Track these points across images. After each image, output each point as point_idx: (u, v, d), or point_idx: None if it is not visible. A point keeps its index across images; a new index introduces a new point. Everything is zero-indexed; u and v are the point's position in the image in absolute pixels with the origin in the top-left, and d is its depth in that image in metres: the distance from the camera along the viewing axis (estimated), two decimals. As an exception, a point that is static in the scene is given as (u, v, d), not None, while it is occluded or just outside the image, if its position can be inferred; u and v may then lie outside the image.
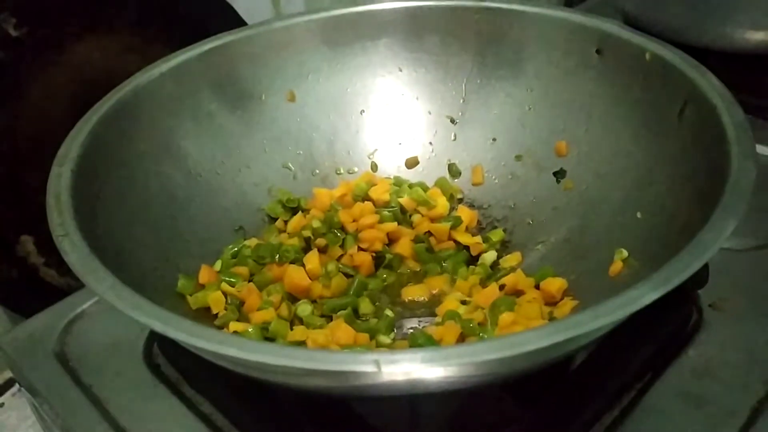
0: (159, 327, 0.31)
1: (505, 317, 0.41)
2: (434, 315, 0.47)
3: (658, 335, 0.46)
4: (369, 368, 0.28)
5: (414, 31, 0.58)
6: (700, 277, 0.47)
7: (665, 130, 0.46)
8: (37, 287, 0.66)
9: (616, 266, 0.44)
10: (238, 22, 0.75)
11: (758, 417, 0.41)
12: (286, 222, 0.53)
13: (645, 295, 0.31)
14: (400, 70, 0.59)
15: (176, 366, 0.47)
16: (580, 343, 0.34)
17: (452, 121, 0.58)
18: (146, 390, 0.46)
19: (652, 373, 0.45)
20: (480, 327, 0.42)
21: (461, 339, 0.42)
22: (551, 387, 0.42)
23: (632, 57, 0.49)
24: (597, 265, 0.46)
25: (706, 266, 0.43)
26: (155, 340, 0.49)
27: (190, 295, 0.44)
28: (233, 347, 0.30)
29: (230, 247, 0.50)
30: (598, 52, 0.52)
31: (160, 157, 0.48)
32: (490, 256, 0.51)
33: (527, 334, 0.30)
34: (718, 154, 0.40)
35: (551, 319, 0.42)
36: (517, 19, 0.55)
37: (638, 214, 0.46)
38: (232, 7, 0.74)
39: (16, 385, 0.71)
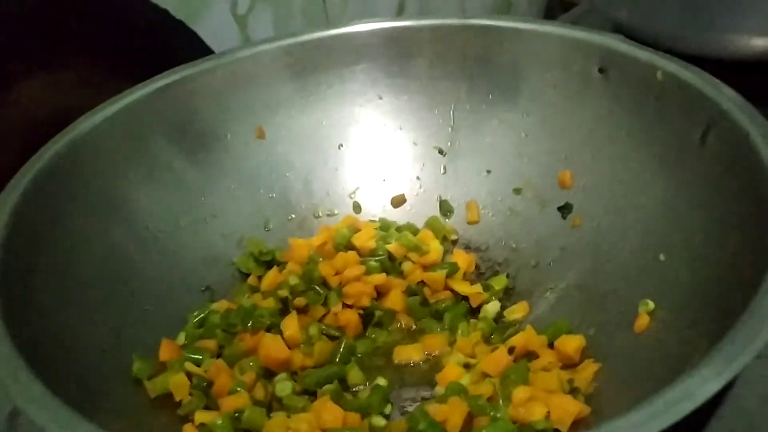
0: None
1: (520, 392, 0.35)
2: (433, 382, 0.41)
3: None
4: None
5: (394, 54, 0.53)
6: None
7: (685, 158, 0.41)
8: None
9: (642, 321, 0.38)
10: (204, 50, 0.69)
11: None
12: (259, 278, 0.47)
13: (706, 383, 0.25)
14: (380, 98, 0.53)
15: None
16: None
17: (441, 152, 0.53)
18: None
19: None
20: (490, 405, 0.35)
21: (468, 419, 0.36)
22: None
23: (641, 76, 0.44)
24: (618, 316, 0.40)
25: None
26: None
27: (148, 380, 0.38)
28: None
29: (195, 313, 0.43)
30: (600, 71, 0.46)
31: (107, 215, 0.42)
32: (492, 307, 0.45)
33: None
34: (756, 184, 0.35)
35: (572, 390, 0.36)
36: (508, 37, 0.50)
37: (661, 257, 0.40)
38: (196, 34, 0.68)
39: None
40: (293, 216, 0.51)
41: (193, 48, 0.69)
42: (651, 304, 0.38)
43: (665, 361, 0.35)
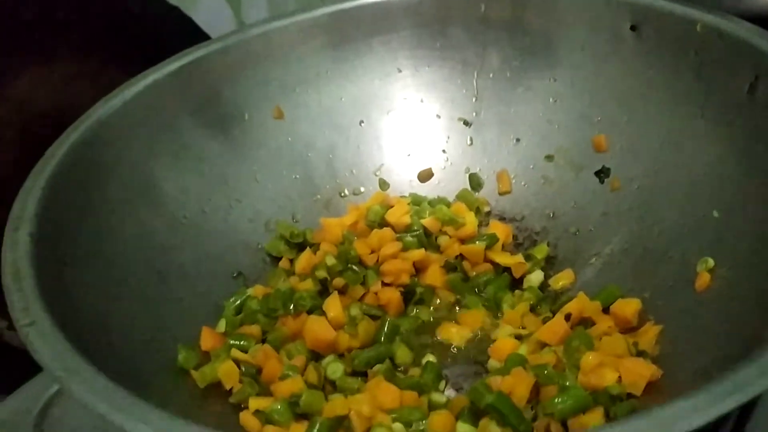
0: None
1: (589, 358, 0.33)
2: (481, 358, 0.40)
3: None
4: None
5: (411, 24, 0.51)
6: None
7: (732, 112, 0.40)
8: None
9: (703, 279, 0.37)
10: (200, 35, 0.67)
11: None
12: (291, 261, 0.45)
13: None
14: (400, 71, 0.52)
15: None
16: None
17: (466, 123, 0.51)
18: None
19: None
20: (557, 373, 0.34)
21: (535, 390, 0.34)
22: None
23: (677, 30, 0.43)
24: (675, 277, 0.39)
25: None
26: None
27: (195, 370, 0.36)
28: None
29: (232, 300, 0.41)
30: (632, 28, 0.45)
31: (135, 201, 0.40)
32: (536, 276, 0.44)
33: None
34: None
35: (639, 353, 0.35)
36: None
37: (714, 213, 0.39)
38: (191, 20, 0.66)
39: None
40: (319, 197, 0.50)
41: (189, 34, 0.67)
42: (711, 262, 0.37)
43: (731, 320, 0.34)
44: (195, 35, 0.67)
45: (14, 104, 0.60)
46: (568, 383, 0.33)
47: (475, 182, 0.50)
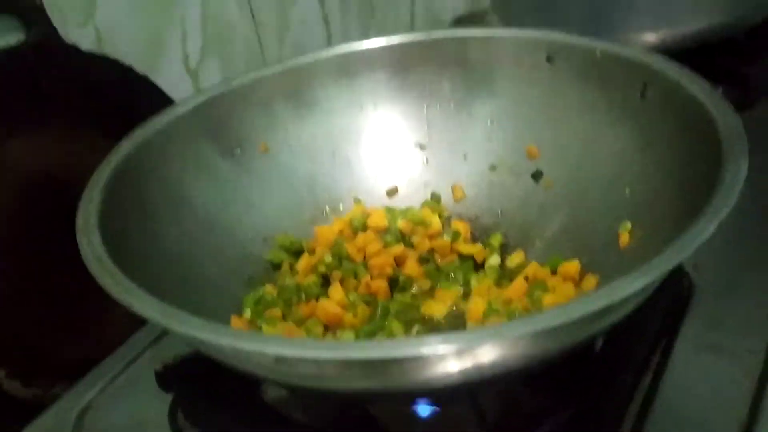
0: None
1: (548, 298, 0.43)
2: (462, 324, 0.49)
3: (663, 302, 0.49)
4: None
5: (369, 70, 0.61)
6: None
7: (629, 112, 0.51)
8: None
9: (624, 239, 0.47)
10: (165, 101, 0.74)
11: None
12: (291, 265, 0.54)
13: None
14: (362, 108, 0.62)
15: (206, 429, 0.47)
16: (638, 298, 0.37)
17: (421, 147, 0.61)
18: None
19: (668, 335, 0.48)
20: (526, 310, 0.44)
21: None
22: (581, 371, 0.44)
23: (582, 57, 0.55)
24: (602, 244, 0.49)
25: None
26: (179, 409, 0.48)
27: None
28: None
29: (251, 295, 0.49)
30: (548, 59, 0.57)
31: (172, 209, 0.49)
32: (494, 259, 0.54)
33: (602, 291, 0.32)
34: (693, 119, 0.45)
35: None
36: (465, 45, 0.60)
37: (626, 191, 0.50)
38: (158, 87, 0.73)
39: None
40: (305, 216, 0.58)
41: (157, 100, 0.74)
42: (628, 224, 0.48)
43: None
44: (161, 101, 0.74)
45: (6, 169, 0.66)
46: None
47: (436, 197, 0.60)
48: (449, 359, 0.32)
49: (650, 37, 0.77)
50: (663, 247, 0.34)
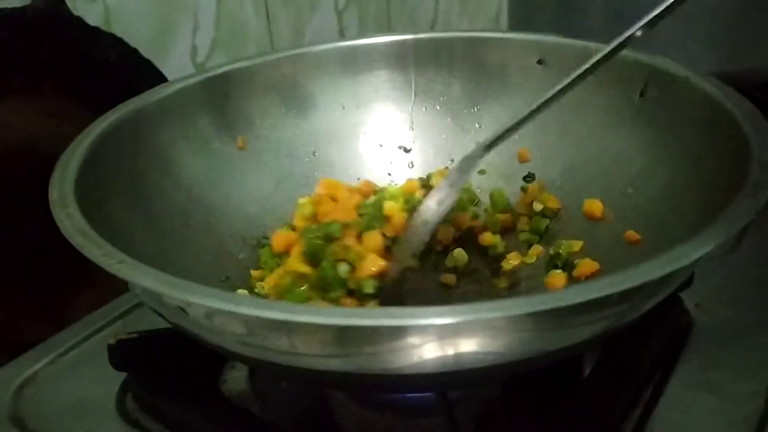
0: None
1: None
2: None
3: (660, 335, 0.46)
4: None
5: (353, 71, 0.59)
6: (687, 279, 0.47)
7: (628, 112, 0.50)
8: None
9: (630, 235, 0.46)
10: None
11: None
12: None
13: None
14: (344, 108, 0.59)
15: (157, 416, 0.43)
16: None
17: (405, 150, 0.59)
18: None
19: (662, 370, 0.45)
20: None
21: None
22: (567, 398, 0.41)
23: (577, 58, 0.53)
24: (608, 237, 0.48)
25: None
26: (129, 392, 0.46)
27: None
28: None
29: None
30: (539, 62, 0.56)
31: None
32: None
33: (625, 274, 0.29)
34: (701, 115, 0.45)
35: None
36: (453, 48, 0.58)
37: (629, 189, 0.49)
38: (162, 74, 0.69)
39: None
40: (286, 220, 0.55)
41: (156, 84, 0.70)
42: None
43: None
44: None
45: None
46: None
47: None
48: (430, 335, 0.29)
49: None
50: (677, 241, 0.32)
